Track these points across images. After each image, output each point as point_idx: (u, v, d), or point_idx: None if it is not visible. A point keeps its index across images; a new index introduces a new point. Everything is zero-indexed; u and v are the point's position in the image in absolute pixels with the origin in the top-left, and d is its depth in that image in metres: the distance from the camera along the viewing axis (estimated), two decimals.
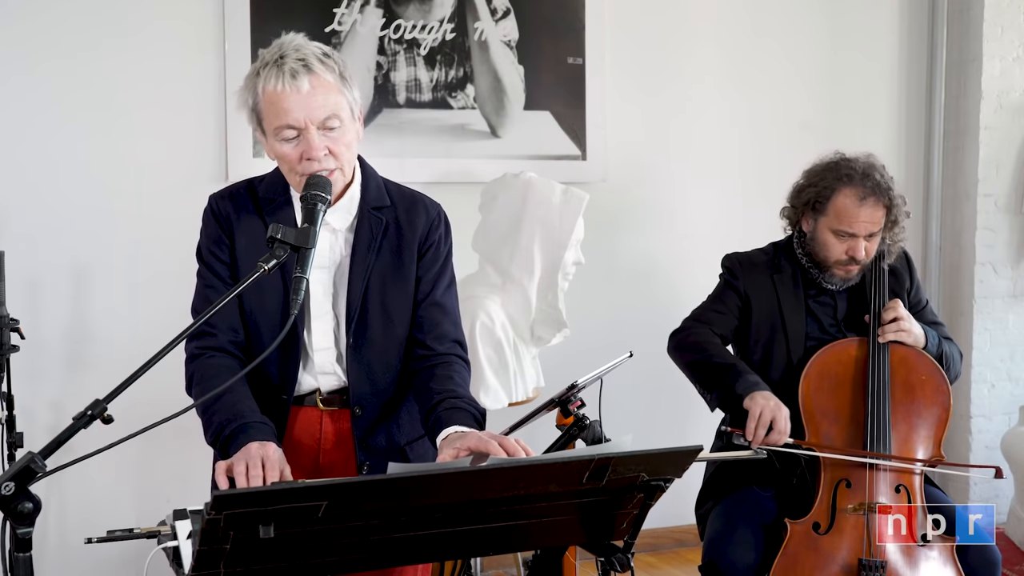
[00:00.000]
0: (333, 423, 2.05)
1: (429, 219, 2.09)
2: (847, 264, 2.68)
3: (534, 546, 2.03)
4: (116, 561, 3.35)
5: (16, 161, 3.37)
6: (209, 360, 1.97)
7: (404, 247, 2.05)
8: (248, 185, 2.08)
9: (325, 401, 2.04)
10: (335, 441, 2.05)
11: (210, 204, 2.07)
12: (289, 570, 1.56)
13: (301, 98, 1.86)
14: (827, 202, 2.67)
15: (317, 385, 2.04)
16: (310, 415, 2.04)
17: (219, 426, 1.87)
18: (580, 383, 2.32)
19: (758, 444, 2.48)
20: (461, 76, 3.81)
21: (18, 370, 3.15)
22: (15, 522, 1.43)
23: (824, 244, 2.69)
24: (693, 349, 2.73)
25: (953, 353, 2.77)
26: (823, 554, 2.50)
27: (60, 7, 3.37)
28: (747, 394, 2.52)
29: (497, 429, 2.49)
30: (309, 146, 1.88)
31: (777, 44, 4.26)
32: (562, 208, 3.24)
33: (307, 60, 1.87)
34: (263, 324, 2.00)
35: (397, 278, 2.05)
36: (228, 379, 1.79)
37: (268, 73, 1.87)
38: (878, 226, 2.66)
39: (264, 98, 1.89)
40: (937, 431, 2.64)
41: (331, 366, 2.03)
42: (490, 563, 3.78)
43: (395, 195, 2.10)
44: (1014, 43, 4.33)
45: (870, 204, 2.63)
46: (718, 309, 2.79)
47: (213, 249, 2.03)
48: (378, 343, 2.03)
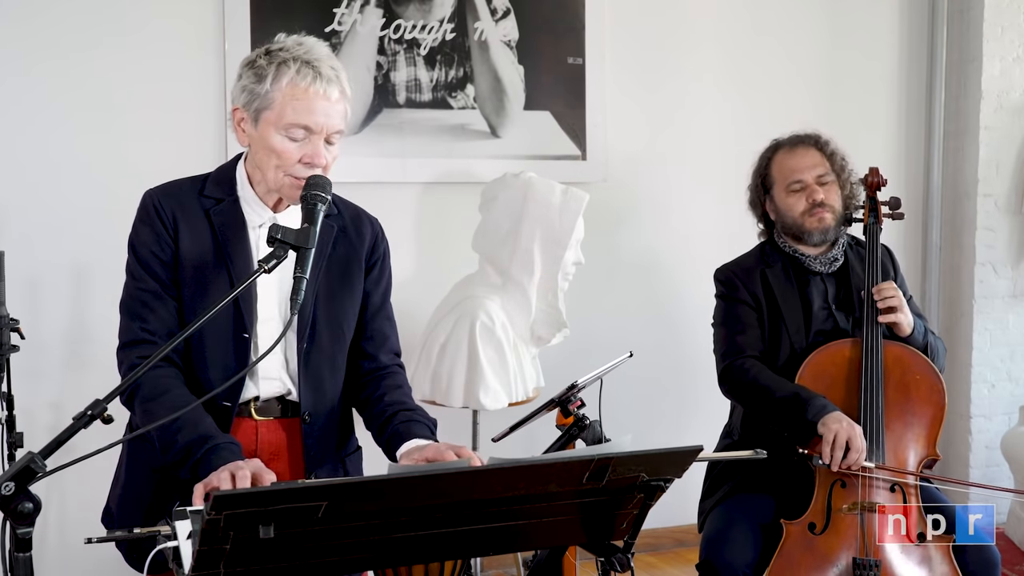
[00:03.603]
0: (269, 434, 2.00)
1: (374, 233, 2.12)
2: (813, 210, 2.77)
3: (534, 546, 2.03)
4: (116, 561, 3.34)
5: (16, 161, 3.37)
6: (153, 371, 1.83)
7: (352, 257, 2.06)
8: (191, 182, 2.03)
9: (260, 411, 2.00)
10: (270, 452, 2.00)
11: (150, 200, 1.99)
12: (289, 570, 1.56)
13: (328, 104, 1.88)
14: (769, 172, 2.87)
15: (258, 392, 1.99)
16: (246, 425, 1.99)
17: (185, 447, 1.81)
18: (580, 383, 2.32)
19: (838, 466, 2.51)
20: (461, 76, 3.81)
21: (18, 370, 3.15)
22: (15, 522, 1.43)
23: (787, 207, 2.81)
24: (750, 390, 2.70)
25: (937, 346, 2.79)
26: (819, 554, 2.51)
27: (59, 7, 3.37)
28: (818, 420, 2.53)
29: (497, 429, 2.50)
30: (316, 152, 1.88)
31: (777, 44, 4.26)
32: (562, 208, 3.24)
33: (338, 71, 1.90)
34: (207, 327, 1.84)
35: (345, 286, 2.04)
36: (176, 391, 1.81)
37: (300, 69, 1.86)
38: (822, 167, 2.82)
39: (286, 91, 1.86)
40: (932, 430, 2.65)
41: (276, 371, 1.99)
42: (490, 563, 3.78)
43: (340, 206, 2.10)
44: (1014, 43, 4.34)
45: (800, 150, 2.84)
46: (741, 330, 2.77)
47: (154, 249, 1.95)
48: (326, 349, 2.02)
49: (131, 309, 1.96)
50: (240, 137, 1.95)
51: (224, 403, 1.95)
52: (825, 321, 2.75)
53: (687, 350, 4.03)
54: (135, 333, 1.91)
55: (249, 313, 1.94)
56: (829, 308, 2.77)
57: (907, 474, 2.58)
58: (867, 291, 2.72)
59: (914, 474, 2.59)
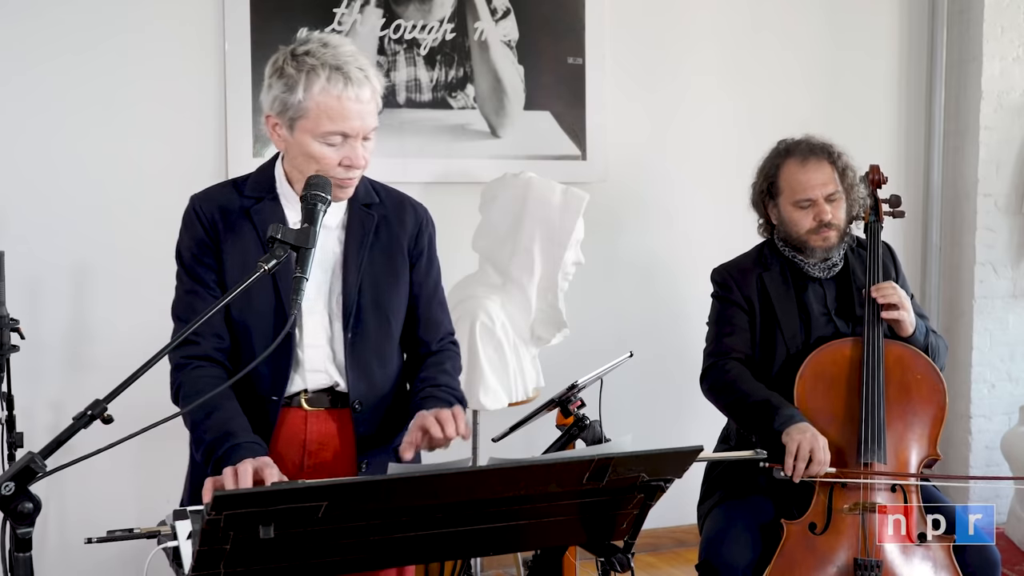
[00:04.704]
0: (319, 424, 2.03)
1: (418, 220, 2.13)
2: (820, 230, 2.72)
3: (534, 546, 2.03)
4: (116, 561, 3.35)
5: (16, 161, 3.37)
6: (194, 371, 1.94)
7: (394, 244, 2.08)
8: (232, 185, 2.06)
9: (310, 401, 2.03)
10: (319, 442, 2.03)
11: (192, 206, 2.04)
12: (289, 570, 1.56)
13: (361, 107, 1.90)
14: (777, 180, 2.79)
15: (305, 385, 2.02)
16: (295, 417, 2.02)
17: (210, 444, 1.86)
18: (580, 383, 2.32)
19: (799, 478, 2.49)
20: (461, 76, 3.81)
21: (18, 370, 3.15)
22: (15, 522, 1.43)
23: (792, 221, 2.75)
24: (726, 392, 2.71)
25: (939, 346, 2.78)
26: (819, 554, 2.50)
27: (59, 7, 3.37)
28: (783, 429, 2.52)
29: (497, 429, 2.50)
30: (355, 155, 1.92)
31: (777, 44, 4.26)
32: (562, 208, 3.24)
33: (366, 70, 1.91)
34: (254, 326, 1.97)
35: (389, 274, 2.06)
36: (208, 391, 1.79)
37: (330, 76, 1.87)
38: (832, 185, 2.74)
39: (318, 100, 1.87)
40: (933, 430, 2.64)
41: (323, 363, 2.02)
42: (490, 563, 3.78)
43: (383, 193, 2.12)
44: (1014, 43, 4.33)
45: (813, 164, 2.74)
46: (729, 331, 2.77)
47: (197, 253, 2.00)
48: (373, 338, 2.04)
49: (178, 312, 2.02)
50: (276, 142, 1.99)
51: (272, 397, 1.99)
52: (826, 327, 2.74)
53: (687, 350, 3.99)
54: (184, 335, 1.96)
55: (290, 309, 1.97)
56: (829, 313, 2.76)
57: (848, 474, 2.57)
58: (868, 290, 2.71)
59: (897, 475, 2.59)
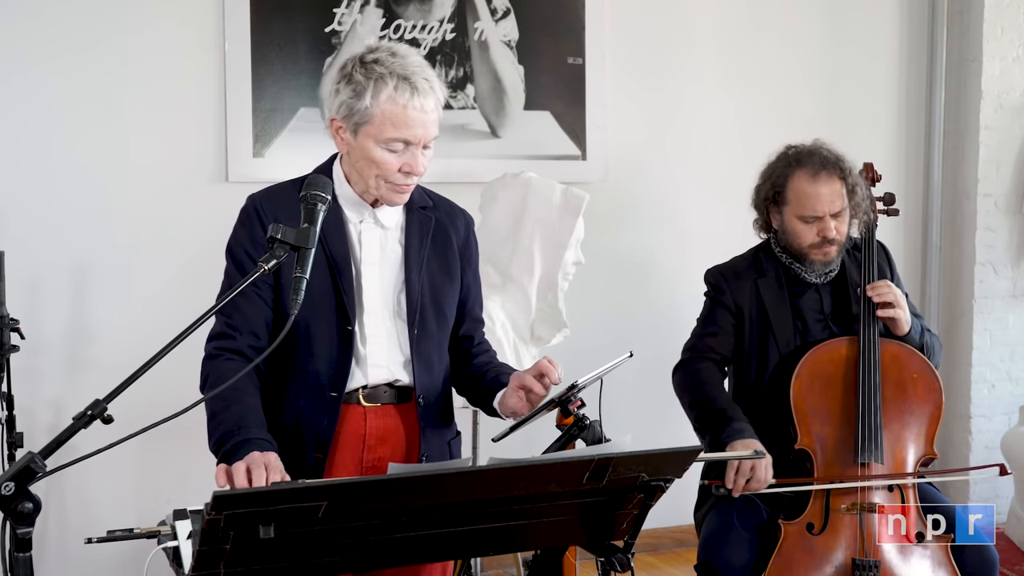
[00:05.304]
0: (377, 419, 2.07)
1: (467, 225, 2.23)
2: (822, 246, 2.69)
3: (534, 546, 2.03)
4: (116, 561, 3.35)
5: (16, 161, 3.37)
6: (225, 363, 1.97)
7: (448, 247, 2.16)
8: (291, 185, 2.09)
9: (368, 397, 2.06)
10: (378, 437, 2.07)
11: (251, 203, 2.07)
12: (289, 570, 1.56)
13: (425, 116, 1.96)
14: (784, 190, 2.71)
15: (365, 380, 2.06)
16: (354, 413, 2.06)
17: (222, 436, 1.88)
18: (580, 383, 2.32)
19: (739, 492, 2.51)
20: (461, 76, 3.81)
21: (18, 370, 3.15)
22: (15, 522, 1.43)
23: (795, 233, 2.71)
24: (692, 390, 2.72)
25: (934, 344, 2.77)
26: (817, 554, 2.50)
27: (59, 7, 3.37)
28: (728, 441, 2.52)
29: (496, 429, 2.49)
30: (415, 162, 1.97)
31: (777, 44, 4.26)
32: (562, 208, 3.24)
33: (431, 81, 1.97)
34: (316, 325, 2.00)
35: (445, 274, 2.14)
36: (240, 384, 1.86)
37: (397, 86, 1.92)
38: (840, 202, 2.67)
39: (384, 107, 1.93)
40: (930, 429, 2.64)
41: (384, 359, 2.06)
42: (490, 563, 3.78)
43: (435, 198, 2.20)
44: (1014, 43, 4.34)
45: (824, 179, 2.66)
46: (713, 332, 2.77)
47: (248, 249, 2.02)
48: (434, 334, 2.12)
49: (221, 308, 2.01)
50: (339, 145, 2.03)
51: (331, 394, 2.02)
52: (821, 332, 2.72)
53: None
54: (220, 327, 2.01)
55: (352, 306, 2.02)
56: (825, 319, 2.75)
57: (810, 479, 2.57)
58: (863, 289, 2.71)
59: (890, 476, 2.58)
